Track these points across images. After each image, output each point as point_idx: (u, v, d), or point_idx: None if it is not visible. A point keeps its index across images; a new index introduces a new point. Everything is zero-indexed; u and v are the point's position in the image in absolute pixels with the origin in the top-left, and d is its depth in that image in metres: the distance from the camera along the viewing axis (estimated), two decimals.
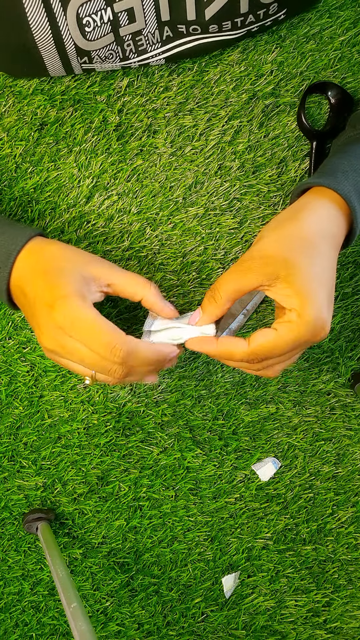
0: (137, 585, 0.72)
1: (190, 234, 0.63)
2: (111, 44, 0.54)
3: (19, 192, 0.61)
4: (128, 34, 0.53)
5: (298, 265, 0.44)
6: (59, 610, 0.72)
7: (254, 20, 0.55)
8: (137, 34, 0.54)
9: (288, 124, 0.61)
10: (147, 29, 0.53)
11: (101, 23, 0.52)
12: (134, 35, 0.54)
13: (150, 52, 0.56)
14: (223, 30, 0.55)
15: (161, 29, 0.54)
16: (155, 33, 0.54)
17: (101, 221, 0.62)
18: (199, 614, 0.73)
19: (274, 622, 0.73)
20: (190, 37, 0.55)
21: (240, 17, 0.53)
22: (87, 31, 0.52)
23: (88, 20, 0.51)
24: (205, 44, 0.56)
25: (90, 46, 0.53)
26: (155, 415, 0.67)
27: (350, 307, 0.66)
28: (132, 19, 0.52)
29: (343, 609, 0.73)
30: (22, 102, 0.60)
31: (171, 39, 0.55)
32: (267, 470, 0.69)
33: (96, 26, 0.52)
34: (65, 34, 0.52)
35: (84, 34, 0.52)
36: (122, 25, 0.52)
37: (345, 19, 0.60)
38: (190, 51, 0.57)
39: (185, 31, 0.55)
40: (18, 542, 0.70)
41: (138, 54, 0.56)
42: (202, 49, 0.57)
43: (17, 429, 0.67)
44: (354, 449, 0.70)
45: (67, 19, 0.51)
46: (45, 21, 0.51)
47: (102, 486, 0.69)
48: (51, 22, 0.51)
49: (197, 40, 0.56)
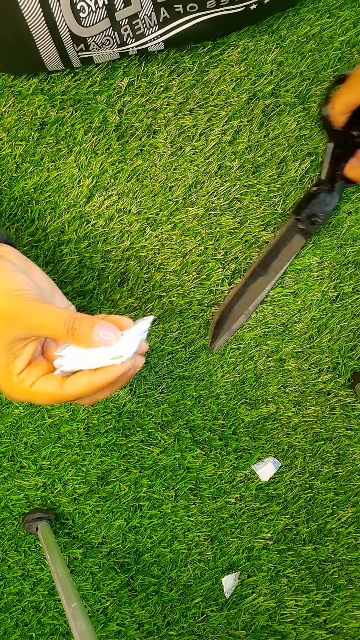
0: (137, 585, 0.72)
1: (190, 234, 0.63)
2: (107, 29, 0.53)
3: (19, 192, 0.61)
4: (124, 18, 0.52)
5: None
6: (59, 610, 0.72)
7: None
8: (133, 17, 0.53)
9: (288, 124, 0.61)
10: (143, 11, 0.52)
11: (96, 8, 0.51)
12: (130, 19, 0.53)
13: (148, 35, 0.55)
14: (221, 6, 0.54)
15: (157, 11, 0.53)
16: (152, 15, 0.53)
17: (101, 221, 0.62)
18: (199, 614, 0.73)
19: (274, 622, 0.73)
20: (187, 17, 0.54)
21: None
22: (82, 17, 0.51)
23: (82, 5, 0.50)
24: (204, 22, 0.55)
25: (86, 32, 0.52)
26: (155, 415, 0.67)
27: (350, 307, 0.66)
28: (128, 2, 0.51)
29: (343, 609, 0.73)
30: (22, 102, 0.60)
31: (168, 20, 0.54)
32: (267, 470, 0.69)
33: (91, 11, 0.51)
34: (60, 20, 0.51)
35: (78, 19, 0.51)
36: (118, 9, 0.51)
37: (345, 19, 0.60)
38: (189, 33, 0.56)
39: (182, 10, 0.54)
40: (18, 542, 0.70)
41: (136, 38, 0.55)
42: (201, 30, 0.56)
43: (17, 429, 0.67)
44: (354, 449, 0.70)
45: (60, 4, 0.50)
46: (38, 8, 0.50)
47: (102, 486, 0.69)
48: (44, 8, 0.50)
49: (195, 19, 0.55)
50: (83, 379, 0.43)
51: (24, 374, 0.45)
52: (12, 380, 0.45)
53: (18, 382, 0.45)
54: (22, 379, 0.45)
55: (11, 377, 0.45)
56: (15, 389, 0.45)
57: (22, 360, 0.45)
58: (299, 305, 0.66)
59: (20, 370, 0.45)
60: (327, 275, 0.65)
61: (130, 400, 0.66)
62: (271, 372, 0.67)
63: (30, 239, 0.62)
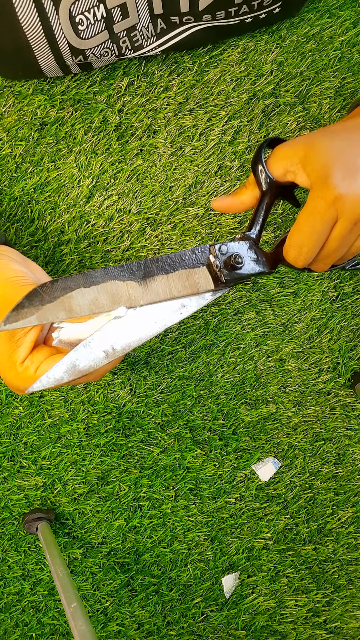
0: (137, 585, 0.72)
1: (190, 234, 0.63)
2: (106, 41, 0.53)
3: (19, 192, 0.61)
4: (122, 30, 0.52)
5: (316, 144, 0.42)
6: (59, 610, 0.72)
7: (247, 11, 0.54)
8: (131, 29, 0.53)
9: (288, 124, 0.61)
10: (141, 23, 0.53)
11: (95, 20, 0.51)
12: (128, 31, 0.53)
13: (146, 47, 0.55)
14: (216, 19, 0.54)
15: (154, 22, 0.53)
16: (149, 27, 0.53)
17: (101, 221, 0.62)
18: (199, 614, 0.73)
19: (274, 622, 0.73)
20: (184, 27, 0.55)
21: (234, 7, 0.53)
22: (81, 29, 0.51)
23: (81, 18, 0.50)
24: (199, 31, 0.56)
25: (85, 45, 0.52)
26: (155, 415, 0.67)
27: (350, 307, 0.66)
28: (126, 14, 0.51)
29: (343, 609, 0.73)
30: (22, 102, 0.60)
31: (165, 31, 0.55)
32: (267, 470, 0.69)
33: (90, 24, 0.51)
34: (59, 33, 0.51)
35: (77, 32, 0.51)
36: (116, 21, 0.51)
37: (345, 19, 0.60)
38: (185, 41, 0.56)
39: (178, 21, 0.54)
40: (18, 542, 0.70)
41: (134, 50, 0.55)
42: (197, 38, 0.56)
43: (17, 429, 0.67)
44: (354, 449, 0.70)
45: (59, 17, 0.50)
46: (37, 21, 0.50)
47: (102, 486, 0.69)
48: (43, 21, 0.50)
49: (191, 29, 0.55)
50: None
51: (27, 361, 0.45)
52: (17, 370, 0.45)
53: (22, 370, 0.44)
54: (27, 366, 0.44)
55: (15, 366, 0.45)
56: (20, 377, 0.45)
57: (25, 348, 0.45)
58: (299, 305, 0.66)
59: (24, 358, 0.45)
60: (327, 275, 0.65)
61: (130, 400, 0.66)
62: (271, 372, 0.67)
63: (30, 239, 0.62)
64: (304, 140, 0.44)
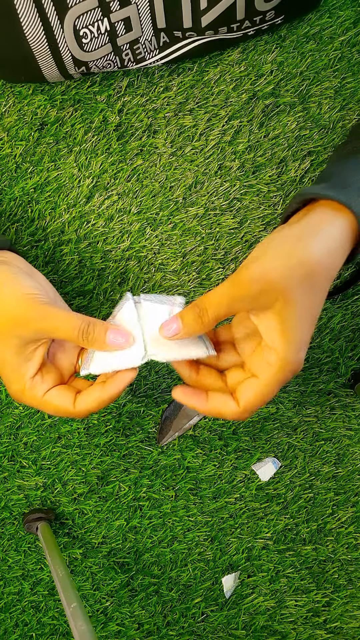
0: (137, 585, 0.72)
1: (190, 234, 0.63)
2: (109, 54, 0.54)
3: (19, 192, 0.61)
4: (126, 43, 0.53)
5: (295, 302, 0.41)
6: (59, 610, 0.72)
7: (250, 25, 0.55)
8: (134, 42, 0.53)
9: (288, 124, 0.61)
10: (144, 36, 0.53)
11: (98, 34, 0.51)
12: (131, 44, 0.53)
13: (148, 59, 0.56)
14: (219, 34, 0.55)
15: (157, 36, 0.54)
16: (152, 40, 0.54)
17: (101, 221, 0.62)
18: (199, 614, 0.73)
19: (274, 622, 0.73)
20: (186, 41, 0.55)
21: (237, 23, 0.53)
22: (85, 42, 0.51)
23: (85, 31, 0.51)
24: (202, 44, 0.56)
25: (88, 57, 0.53)
26: (155, 415, 0.67)
27: (350, 307, 0.66)
28: (129, 28, 0.52)
29: (343, 609, 0.73)
30: (22, 102, 0.60)
31: (168, 44, 0.55)
32: (267, 470, 0.69)
33: (93, 37, 0.51)
34: (63, 46, 0.51)
35: (81, 45, 0.52)
36: (120, 34, 0.52)
37: (345, 19, 0.60)
38: (188, 54, 0.57)
39: (181, 36, 0.55)
40: (18, 542, 0.70)
41: (136, 62, 0.56)
42: (200, 50, 0.57)
43: (17, 429, 0.67)
44: (354, 449, 0.70)
45: (64, 31, 0.50)
46: (42, 33, 0.50)
47: (102, 486, 0.69)
48: (48, 34, 0.51)
49: (194, 43, 0.56)
50: (93, 395, 0.45)
51: (37, 378, 0.46)
52: (25, 384, 0.46)
53: (30, 386, 0.46)
54: (35, 383, 0.46)
55: (24, 379, 0.46)
56: (27, 393, 0.46)
57: (34, 363, 0.46)
58: None
59: (34, 374, 0.46)
60: None
61: (130, 400, 0.66)
62: None
63: (30, 239, 0.62)
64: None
